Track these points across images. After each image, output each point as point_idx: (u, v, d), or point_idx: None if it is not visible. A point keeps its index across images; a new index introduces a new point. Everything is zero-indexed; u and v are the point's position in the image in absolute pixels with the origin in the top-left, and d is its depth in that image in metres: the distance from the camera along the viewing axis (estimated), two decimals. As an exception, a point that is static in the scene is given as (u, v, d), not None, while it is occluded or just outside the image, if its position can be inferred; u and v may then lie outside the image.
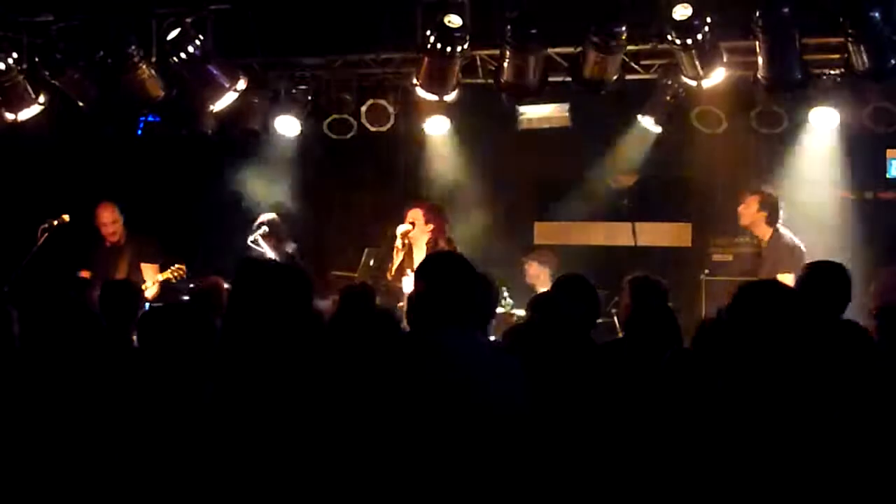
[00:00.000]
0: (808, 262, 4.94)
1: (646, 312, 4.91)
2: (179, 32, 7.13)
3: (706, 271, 8.09)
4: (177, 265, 7.50)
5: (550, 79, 7.29)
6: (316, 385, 3.13)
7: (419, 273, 3.53)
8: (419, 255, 7.34)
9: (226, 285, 6.03)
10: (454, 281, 3.35)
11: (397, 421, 3.03)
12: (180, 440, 3.01)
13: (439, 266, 3.49)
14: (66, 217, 7.16)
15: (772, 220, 7.22)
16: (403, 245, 7.42)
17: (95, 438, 3.17)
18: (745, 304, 2.94)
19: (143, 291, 5.83)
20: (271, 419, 2.96)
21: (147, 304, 6.62)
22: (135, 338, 5.11)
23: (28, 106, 7.82)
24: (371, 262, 7.83)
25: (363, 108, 7.80)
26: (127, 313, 5.02)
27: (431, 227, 7.52)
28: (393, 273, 7.47)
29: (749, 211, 7.28)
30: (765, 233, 7.25)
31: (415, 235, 7.49)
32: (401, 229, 7.42)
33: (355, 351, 3.67)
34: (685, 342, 4.65)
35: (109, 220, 7.68)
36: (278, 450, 2.84)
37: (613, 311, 6.88)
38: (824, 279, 4.75)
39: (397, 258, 7.44)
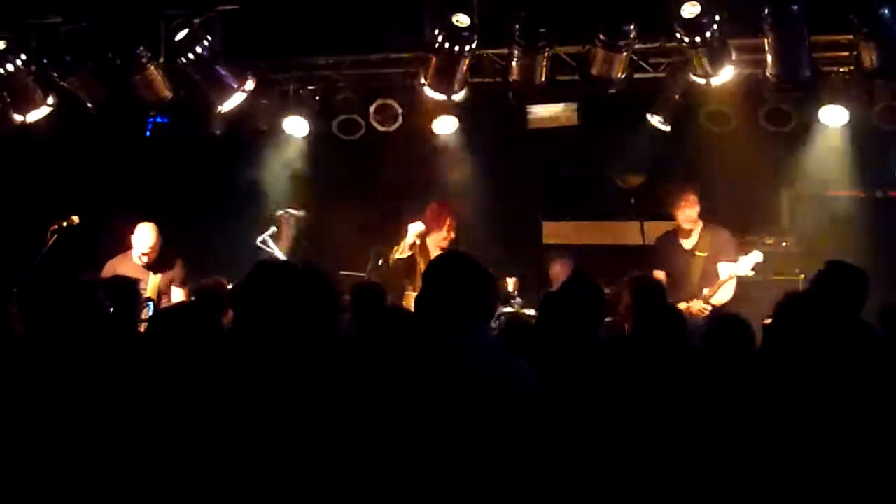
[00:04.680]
0: (826, 260, 4.90)
1: (653, 312, 4.89)
2: (187, 33, 7.15)
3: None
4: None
5: (558, 78, 7.29)
6: (325, 384, 3.13)
7: (428, 273, 3.53)
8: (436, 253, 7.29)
9: (230, 286, 6.02)
10: (465, 281, 3.35)
11: (408, 421, 3.03)
12: (186, 441, 3.01)
13: (450, 266, 3.49)
14: (76, 218, 7.14)
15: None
16: (414, 244, 7.37)
17: (100, 439, 3.17)
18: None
19: (141, 289, 5.76)
20: (279, 420, 2.95)
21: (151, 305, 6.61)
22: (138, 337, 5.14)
23: (37, 107, 7.86)
24: (379, 262, 7.81)
25: (371, 108, 7.80)
26: (128, 312, 4.98)
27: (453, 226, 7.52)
28: (393, 262, 7.40)
29: (695, 210, 7.41)
30: (695, 225, 7.42)
31: (434, 234, 7.43)
32: (415, 228, 7.35)
33: (367, 350, 3.66)
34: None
35: (150, 245, 7.15)
36: (286, 451, 2.83)
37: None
38: (843, 280, 4.73)
39: (402, 253, 7.36)
